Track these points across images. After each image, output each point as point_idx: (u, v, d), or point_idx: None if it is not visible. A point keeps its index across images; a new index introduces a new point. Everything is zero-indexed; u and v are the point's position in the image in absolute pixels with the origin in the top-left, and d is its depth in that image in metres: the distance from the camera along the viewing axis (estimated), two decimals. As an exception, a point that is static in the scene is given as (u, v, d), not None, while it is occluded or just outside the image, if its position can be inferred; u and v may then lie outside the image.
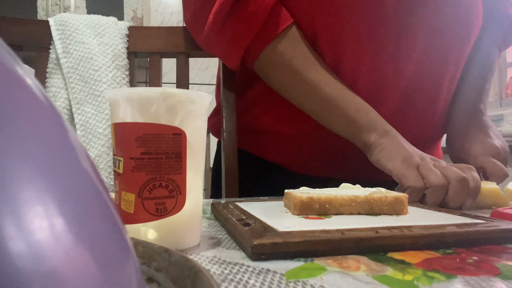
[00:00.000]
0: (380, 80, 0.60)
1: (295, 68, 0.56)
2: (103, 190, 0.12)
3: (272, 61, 0.57)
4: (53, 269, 0.08)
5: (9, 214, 0.08)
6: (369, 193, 0.37)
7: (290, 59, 0.56)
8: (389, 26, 0.57)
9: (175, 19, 2.61)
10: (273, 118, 0.66)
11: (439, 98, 0.66)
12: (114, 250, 0.10)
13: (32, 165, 0.09)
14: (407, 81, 0.61)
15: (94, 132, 0.66)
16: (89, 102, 0.67)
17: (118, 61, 0.70)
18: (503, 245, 0.30)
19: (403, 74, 0.60)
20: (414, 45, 0.59)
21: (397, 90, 0.61)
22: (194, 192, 0.29)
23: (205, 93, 0.29)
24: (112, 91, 0.29)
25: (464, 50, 0.66)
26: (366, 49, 0.58)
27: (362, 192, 0.38)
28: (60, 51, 0.68)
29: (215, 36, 0.57)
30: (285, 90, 0.60)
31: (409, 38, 0.59)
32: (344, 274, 0.23)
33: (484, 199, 0.48)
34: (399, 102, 0.62)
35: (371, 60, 0.58)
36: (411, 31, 0.58)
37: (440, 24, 0.60)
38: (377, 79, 0.60)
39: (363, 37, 0.57)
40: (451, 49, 0.63)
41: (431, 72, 0.63)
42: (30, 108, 0.10)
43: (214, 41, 0.58)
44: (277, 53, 0.56)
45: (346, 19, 0.56)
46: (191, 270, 0.17)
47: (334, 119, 0.57)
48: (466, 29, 0.64)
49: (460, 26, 0.63)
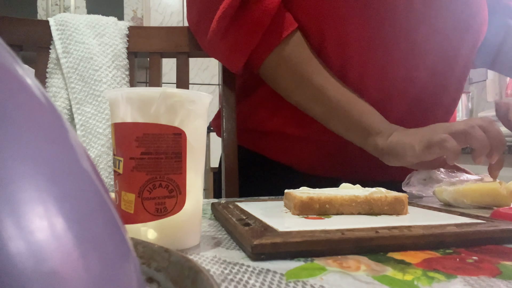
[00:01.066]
0: (388, 84, 0.59)
1: (300, 74, 0.56)
2: (103, 190, 0.12)
3: (277, 67, 0.57)
4: (53, 269, 0.08)
5: (9, 214, 0.08)
6: (369, 193, 0.37)
7: (295, 64, 0.56)
8: (398, 30, 0.57)
9: (175, 19, 2.61)
10: (280, 120, 0.66)
11: (445, 101, 0.66)
12: (114, 250, 0.10)
13: (32, 165, 0.09)
14: (416, 85, 0.61)
15: (94, 132, 0.66)
16: (89, 102, 0.67)
17: (118, 61, 0.70)
18: (503, 245, 0.29)
19: (412, 78, 0.60)
20: (423, 49, 0.59)
21: (406, 94, 0.61)
22: (194, 192, 0.29)
23: (205, 93, 0.29)
24: (112, 91, 0.29)
25: (471, 53, 0.65)
26: (374, 53, 0.58)
27: (362, 192, 0.38)
28: (60, 51, 0.68)
29: (219, 42, 0.57)
30: (290, 95, 0.60)
31: (418, 42, 0.58)
32: (344, 274, 0.23)
33: (484, 199, 0.48)
34: (408, 106, 0.62)
35: (379, 64, 0.58)
36: (421, 35, 0.58)
37: (449, 28, 0.60)
38: (386, 84, 0.59)
39: (371, 41, 0.57)
40: (459, 51, 0.63)
41: (439, 76, 0.63)
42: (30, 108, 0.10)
43: (218, 46, 0.58)
44: (282, 59, 0.56)
45: (353, 23, 0.56)
46: (191, 270, 0.17)
47: (340, 123, 0.57)
48: (474, 32, 0.64)
49: (468, 29, 0.63)
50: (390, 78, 0.59)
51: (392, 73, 0.59)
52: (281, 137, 0.68)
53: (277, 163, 0.70)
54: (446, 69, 0.63)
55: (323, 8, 0.56)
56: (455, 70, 0.64)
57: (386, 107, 0.59)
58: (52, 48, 0.69)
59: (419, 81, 0.61)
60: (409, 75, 0.60)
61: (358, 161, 0.64)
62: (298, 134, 0.66)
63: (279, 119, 0.66)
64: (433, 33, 0.59)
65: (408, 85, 0.60)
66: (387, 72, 0.59)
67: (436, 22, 0.59)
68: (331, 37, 0.57)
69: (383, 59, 0.58)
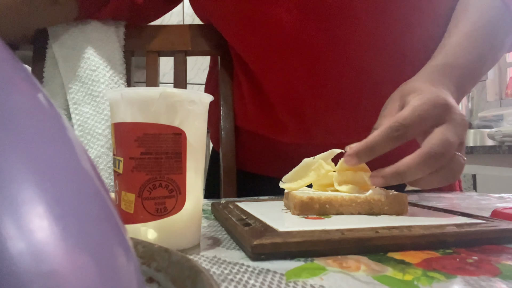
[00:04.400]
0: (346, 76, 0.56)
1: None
2: (103, 190, 0.12)
3: None
4: (53, 269, 0.08)
5: (9, 214, 0.08)
6: (369, 193, 0.37)
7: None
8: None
9: (175, 19, 2.61)
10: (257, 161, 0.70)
11: (407, 67, 0.56)
12: (114, 250, 0.10)
13: (32, 165, 0.09)
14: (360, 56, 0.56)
15: (93, 132, 0.66)
16: (87, 103, 0.67)
17: (115, 60, 0.70)
18: (503, 245, 0.30)
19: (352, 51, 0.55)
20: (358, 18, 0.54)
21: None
22: (194, 192, 0.29)
23: (205, 93, 0.29)
24: (112, 91, 0.29)
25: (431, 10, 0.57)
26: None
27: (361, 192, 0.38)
28: (56, 50, 0.68)
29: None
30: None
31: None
32: (344, 274, 0.23)
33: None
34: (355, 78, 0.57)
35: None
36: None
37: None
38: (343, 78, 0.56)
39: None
40: (413, 11, 0.55)
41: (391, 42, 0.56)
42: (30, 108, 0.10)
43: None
44: None
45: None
46: (191, 270, 0.17)
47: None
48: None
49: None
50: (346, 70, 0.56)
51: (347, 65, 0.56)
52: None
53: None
54: (400, 31, 0.56)
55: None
56: (413, 29, 0.56)
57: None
58: (49, 47, 0.68)
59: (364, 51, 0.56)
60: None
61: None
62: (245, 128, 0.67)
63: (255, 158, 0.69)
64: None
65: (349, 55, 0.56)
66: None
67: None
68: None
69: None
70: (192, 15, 2.62)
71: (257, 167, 0.74)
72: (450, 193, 0.69)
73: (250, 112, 0.66)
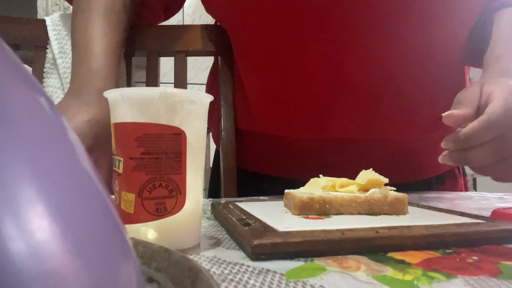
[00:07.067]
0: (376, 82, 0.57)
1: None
2: (103, 190, 0.12)
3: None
4: (53, 269, 0.08)
5: (9, 214, 0.08)
6: (369, 193, 0.37)
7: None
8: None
9: (175, 19, 2.61)
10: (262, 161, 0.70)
11: (430, 67, 0.58)
12: (114, 250, 0.10)
13: (32, 165, 0.09)
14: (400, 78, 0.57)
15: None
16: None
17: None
18: (503, 245, 0.30)
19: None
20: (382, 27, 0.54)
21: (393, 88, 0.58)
22: (194, 192, 0.29)
23: (205, 93, 0.29)
24: (112, 91, 0.29)
25: (451, 40, 0.59)
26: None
27: (361, 191, 0.38)
28: (56, 51, 0.67)
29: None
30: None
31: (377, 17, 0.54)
32: (344, 274, 0.23)
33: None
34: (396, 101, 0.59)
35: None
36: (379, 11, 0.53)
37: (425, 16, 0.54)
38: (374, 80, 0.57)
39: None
40: (437, 10, 0.55)
41: (414, 64, 0.57)
42: (29, 108, 0.10)
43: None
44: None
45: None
46: (191, 270, 0.17)
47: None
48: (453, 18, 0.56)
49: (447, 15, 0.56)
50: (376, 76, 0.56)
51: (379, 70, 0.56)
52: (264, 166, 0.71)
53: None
54: (422, 58, 0.57)
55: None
56: (434, 58, 0.58)
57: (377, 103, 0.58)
58: (49, 47, 0.68)
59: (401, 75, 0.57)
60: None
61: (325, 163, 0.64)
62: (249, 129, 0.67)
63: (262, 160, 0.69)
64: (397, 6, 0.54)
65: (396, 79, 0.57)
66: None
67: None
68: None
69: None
70: (192, 15, 2.62)
71: (260, 167, 0.73)
72: (450, 193, 0.69)
73: (255, 113, 0.65)
